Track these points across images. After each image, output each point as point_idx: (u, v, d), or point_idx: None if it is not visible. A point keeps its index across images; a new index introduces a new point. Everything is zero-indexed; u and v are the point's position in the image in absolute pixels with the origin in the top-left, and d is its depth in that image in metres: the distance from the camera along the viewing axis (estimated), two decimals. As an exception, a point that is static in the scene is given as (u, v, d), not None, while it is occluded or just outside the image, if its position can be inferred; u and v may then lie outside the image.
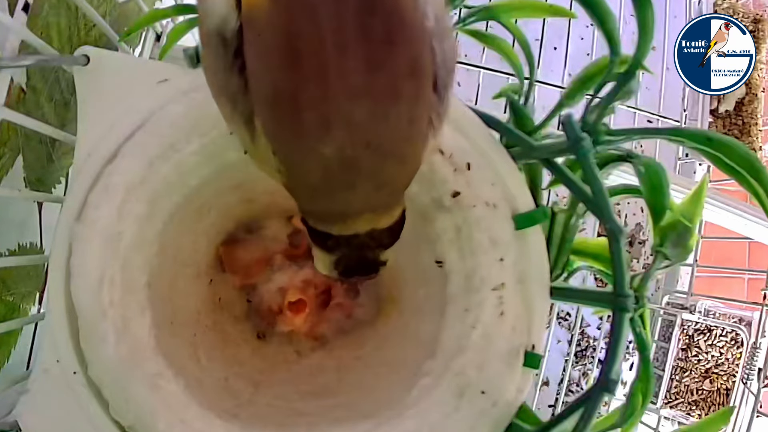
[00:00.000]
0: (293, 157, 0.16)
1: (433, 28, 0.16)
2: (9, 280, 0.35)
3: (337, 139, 0.15)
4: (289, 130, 0.16)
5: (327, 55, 0.15)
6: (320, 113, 0.15)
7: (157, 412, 0.23)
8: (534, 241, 0.25)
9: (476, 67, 0.62)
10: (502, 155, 0.25)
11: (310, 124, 0.15)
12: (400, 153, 0.16)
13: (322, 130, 0.15)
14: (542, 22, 0.65)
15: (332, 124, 0.15)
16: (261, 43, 0.15)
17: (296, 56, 0.15)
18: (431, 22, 0.16)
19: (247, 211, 0.33)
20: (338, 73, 0.15)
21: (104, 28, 0.34)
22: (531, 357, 0.24)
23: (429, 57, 0.16)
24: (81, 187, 0.25)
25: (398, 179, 0.17)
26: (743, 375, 0.59)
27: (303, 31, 0.15)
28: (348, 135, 0.15)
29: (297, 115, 0.15)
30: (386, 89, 0.15)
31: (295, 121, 0.15)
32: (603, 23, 0.22)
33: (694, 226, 0.23)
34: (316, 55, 0.15)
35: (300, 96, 0.15)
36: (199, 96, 0.25)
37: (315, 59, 0.15)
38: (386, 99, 0.15)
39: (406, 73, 0.15)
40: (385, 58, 0.15)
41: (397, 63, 0.15)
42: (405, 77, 0.15)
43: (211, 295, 0.33)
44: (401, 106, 0.16)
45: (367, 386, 0.29)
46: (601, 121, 0.23)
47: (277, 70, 0.15)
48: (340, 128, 0.15)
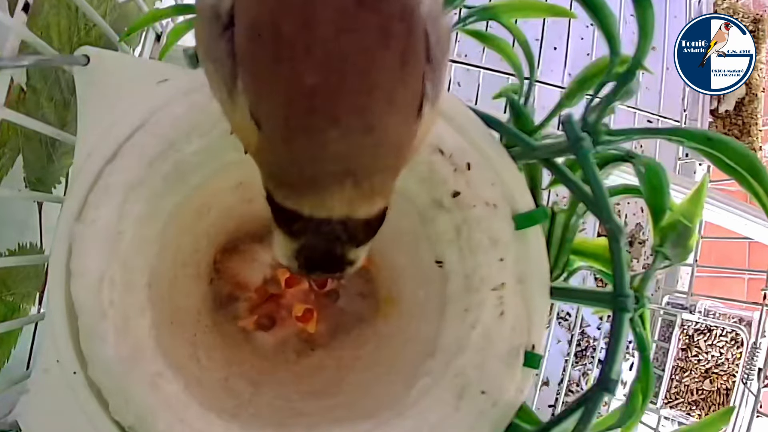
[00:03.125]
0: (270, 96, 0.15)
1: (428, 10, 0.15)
2: (9, 280, 0.35)
3: (321, 63, 0.14)
4: (269, 66, 0.14)
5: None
6: (303, 41, 0.14)
7: (157, 412, 0.23)
8: (534, 241, 0.25)
9: (476, 67, 0.62)
10: (502, 155, 0.25)
11: (289, 48, 0.14)
12: (390, 91, 0.15)
13: (305, 54, 0.14)
14: (542, 22, 0.65)
15: (313, 48, 0.14)
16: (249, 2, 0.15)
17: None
18: (426, 5, 0.15)
19: (247, 212, 0.33)
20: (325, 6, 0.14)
21: (104, 28, 0.34)
22: (531, 357, 0.24)
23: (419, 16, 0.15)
24: (81, 187, 0.25)
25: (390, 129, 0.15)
26: (743, 375, 0.59)
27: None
28: (330, 60, 0.14)
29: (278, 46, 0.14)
30: (375, 25, 0.14)
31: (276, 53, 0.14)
32: (603, 23, 0.22)
33: (694, 226, 0.23)
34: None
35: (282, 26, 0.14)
36: (199, 96, 0.25)
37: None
38: (375, 34, 0.14)
39: (397, 16, 0.15)
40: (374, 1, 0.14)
41: (387, 7, 0.14)
42: (395, 19, 0.14)
43: (211, 295, 0.33)
44: (390, 41, 0.14)
45: (367, 386, 0.29)
46: (601, 121, 0.23)
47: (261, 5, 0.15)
48: (325, 53, 0.14)
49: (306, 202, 0.16)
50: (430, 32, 0.16)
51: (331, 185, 0.15)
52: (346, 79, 0.14)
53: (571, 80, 0.26)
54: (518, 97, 0.27)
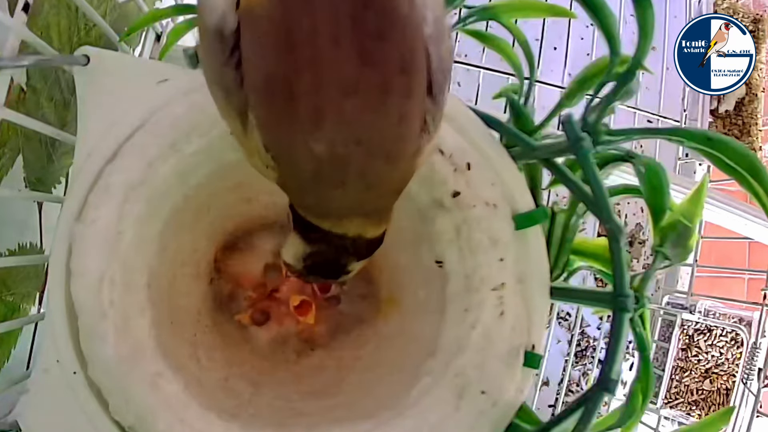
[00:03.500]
0: (284, 152, 0.16)
1: (431, 31, 0.16)
2: (9, 280, 0.35)
3: (328, 135, 0.15)
4: (281, 123, 0.16)
5: (321, 47, 0.15)
6: (312, 106, 0.15)
7: (157, 412, 0.23)
8: (534, 241, 0.25)
9: (476, 67, 0.62)
10: (502, 155, 0.25)
11: (302, 117, 0.15)
12: (389, 151, 0.16)
13: (313, 125, 0.15)
14: (542, 22, 0.65)
15: (324, 118, 0.15)
16: (257, 33, 0.15)
17: (291, 46, 0.15)
18: (429, 24, 0.16)
19: (247, 212, 0.33)
20: (331, 66, 0.15)
21: (104, 28, 0.34)
22: (531, 357, 0.24)
23: (422, 56, 0.16)
24: (81, 187, 0.25)
25: (388, 180, 0.17)
26: (743, 375, 0.59)
27: (298, 22, 0.15)
28: (338, 130, 0.15)
29: (289, 106, 0.15)
30: (376, 84, 0.15)
31: (287, 113, 0.15)
32: (603, 23, 0.22)
33: (694, 226, 0.23)
34: (311, 46, 0.15)
35: (293, 86, 0.15)
36: (199, 96, 0.25)
37: (309, 50, 0.15)
38: (376, 94, 0.15)
39: (397, 69, 0.15)
40: (376, 52, 0.15)
41: (388, 58, 0.15)
42: (395, 73, 0.15)
43: (211, 294, 0.33)
44: (391, 101, 0.15)
45: (367, 386, 0.29)
46: (601, 121, 0.23)
47: (271, 59, 0.15)
48: (331, 123, 0.15)
49: (325, 223, 0.18)
50: (432, 54, 0.16)
51: (346, 218, 0.18)
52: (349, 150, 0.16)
53: (571, 80, 0.26)
54: (518, 97, 0.27)
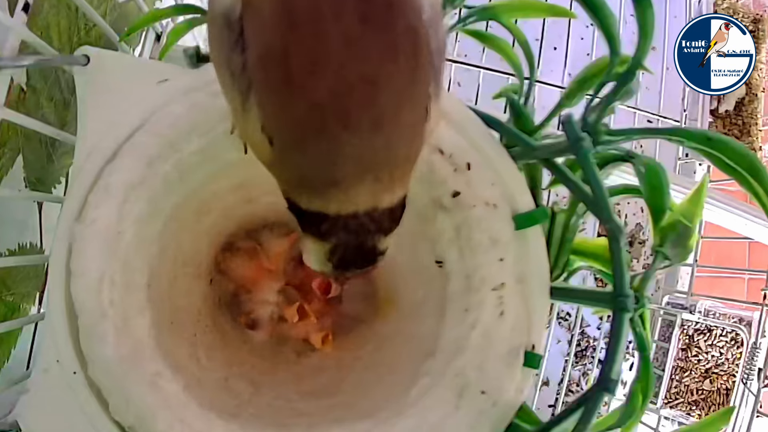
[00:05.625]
0: (283, 111, 0.16)
1: (428, 17, 0.16)
2: (9, 280, 0.35)
3: (329, 75, 0.15)
4: (279, 79, 0.15)
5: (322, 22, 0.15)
6: (311, 55, 0.15)
7: (156, 412, 0.23)
8: (534, 241, 0.25)
9: (476, 67, 0.62)
10: (502, 155, 0.25)
11: (300, 68, 0.15)
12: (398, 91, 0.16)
13: (313, 72, 0.15)
14: (542, 22, 0.65)
15: (324, 65, 0.15)
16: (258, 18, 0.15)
17: (291, 25, 0.15)
18: (427, 11, 0.16)
19: (247, 212, 0.33)
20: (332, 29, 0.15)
21: (104, 28, 0.34)
22: (531, 357, 0.24)
23: (424, 27, 0.16)
24: (81, 187, 0.25)
25: (399, 129, 0.16)
26: (743, 375, 0.59)
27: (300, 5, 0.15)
28: (341, 70, 0.15)
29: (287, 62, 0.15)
30: (381, 41, 0.15)
31: (285, 68, 0.15)
32: (603, 23, 0.22)
33: (694, 226, 0.23)
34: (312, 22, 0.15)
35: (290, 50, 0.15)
36: (199, 96, 0.25)
37: (310, 27, 0.15)
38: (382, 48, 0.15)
39: (402, 30, 0.15)
40: (379, 19, 0.15)
41: (395, 23, 0.15)
42: (401, 34, 0.15)
43: (211, 295, 0.33)
44: (398, 52, 0.15)
45: (367, 386, 0.29)
46: (601, 121, 0.23)
47: (270, 35, 0.15)
48: (332, 66, 0.15)
49: (332, 201, 0.17)
50: (431, 39, 0.16)
51: (354, 183, 0.16)
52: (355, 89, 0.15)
53: (571, 80, 0.26)
54: (518, 97, 0.27)
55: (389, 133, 0.16)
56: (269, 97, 0.16)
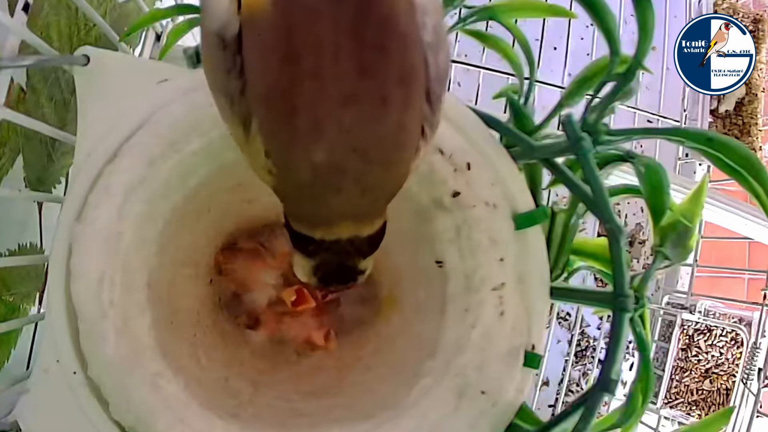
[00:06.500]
0: (284, 159, 0.17)
1: (430, 39, 0.16)
2: (9, 280, 0.35)
3: (327, 144, 0.16)
4: (282, 132, 0.16)
5: (323, 58, 0.15)
6: (313, 116, 0.15)
7: (157, 412, 0.23)
8: (534, 241, 0.25)
9: (476, 67, 0.62)
10: (502, 155, 0.25)
11: (302, 128, 0.16)
12: (386, 159, 0.17)
13: (313, 135, 0.15)
14: (542, 22, 0.65)
15: (323, 129, 0.15)
16: (260, 43, 0.15)
17: (292, 58, 0.15)
18: (429, 33, 0.16)
19: (248, 212, 0.33)
20: (332, 76, 0.15)
21: (104, 28, 0.34)
22: (531, 357, 0.24)
23: (421, 66, 0.16)
24: (81, 187, 0.25)
25: (383, 186, 0.17)
26: (743, 375, 0.59)
27: (300, 32, 0.15)
28: (337, 139, 0.16)
29: (291, 116, 0.15)
30: (375, 94, 0.15)
31: (289, 122, 0.16)
32: (603, 23, 0.22)
33: (694, 226, 0.23)
34: (313, 56, 0.15)
35: (294, 98, 0.15)
36: (199, 96, 0.25)
37: (311, 61, 0.15)
38: (374, 104, 0.15)
39: (396, 79, 0.16)
40: (375, 63, 0.15)
41: (387, 69, 0.15)
42: (394, 84, 0.16)
43: (211, 295, 0.33)
44: (389, 111, 0.16)
45: (367, 386, 0.29)
46: (601, 121, 0.23)
47: (273, 70, 0.15)
48: (331, 132, 0.15)
49: (317, 231, 0.18)
50: (431, 63, 0.16)
51: (338, 222, 0.18)
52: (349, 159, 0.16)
53: (571, 80, 0.26)
54: (518, 97, 0.27)
55: (374, 196, 0.17)
56: (273, 137, 0.16)
